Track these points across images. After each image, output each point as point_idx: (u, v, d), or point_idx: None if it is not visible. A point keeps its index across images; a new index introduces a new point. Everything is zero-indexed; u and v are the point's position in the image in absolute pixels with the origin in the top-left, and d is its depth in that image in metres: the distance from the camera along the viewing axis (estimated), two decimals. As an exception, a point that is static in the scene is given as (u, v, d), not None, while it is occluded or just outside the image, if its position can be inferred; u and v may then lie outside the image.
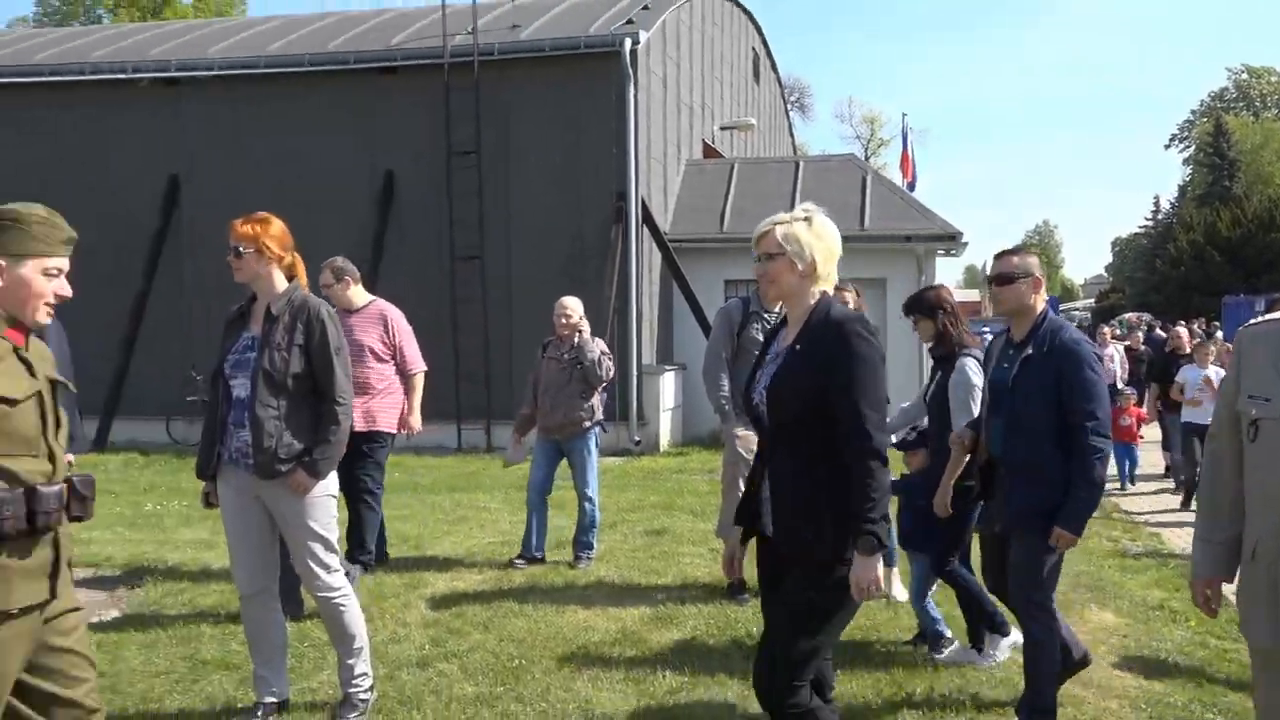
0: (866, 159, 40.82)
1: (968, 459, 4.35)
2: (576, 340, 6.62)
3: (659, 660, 4.73)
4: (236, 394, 3.88)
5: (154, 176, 14.25)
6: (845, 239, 3.06)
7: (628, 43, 13.22)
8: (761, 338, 5.55)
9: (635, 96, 13.42)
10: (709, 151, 18.04)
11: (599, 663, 4.73)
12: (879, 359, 2.83)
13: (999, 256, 4.05)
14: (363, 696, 4.06)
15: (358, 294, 6.13)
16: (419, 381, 6.29)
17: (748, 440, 5.43)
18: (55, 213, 2.68)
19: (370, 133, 13.87)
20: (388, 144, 13.85)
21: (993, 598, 4.60)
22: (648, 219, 13.87)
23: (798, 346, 2.89)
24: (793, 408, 2.86)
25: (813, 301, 2.93)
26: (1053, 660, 3.86)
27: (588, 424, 6.64)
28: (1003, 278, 3.96)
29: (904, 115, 29.62)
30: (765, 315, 5.65)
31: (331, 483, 3.99)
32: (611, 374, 6.75)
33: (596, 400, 6.70)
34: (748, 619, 5.31)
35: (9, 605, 2.44)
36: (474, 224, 13.56)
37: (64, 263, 2.68)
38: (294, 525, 3.91)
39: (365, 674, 4.08)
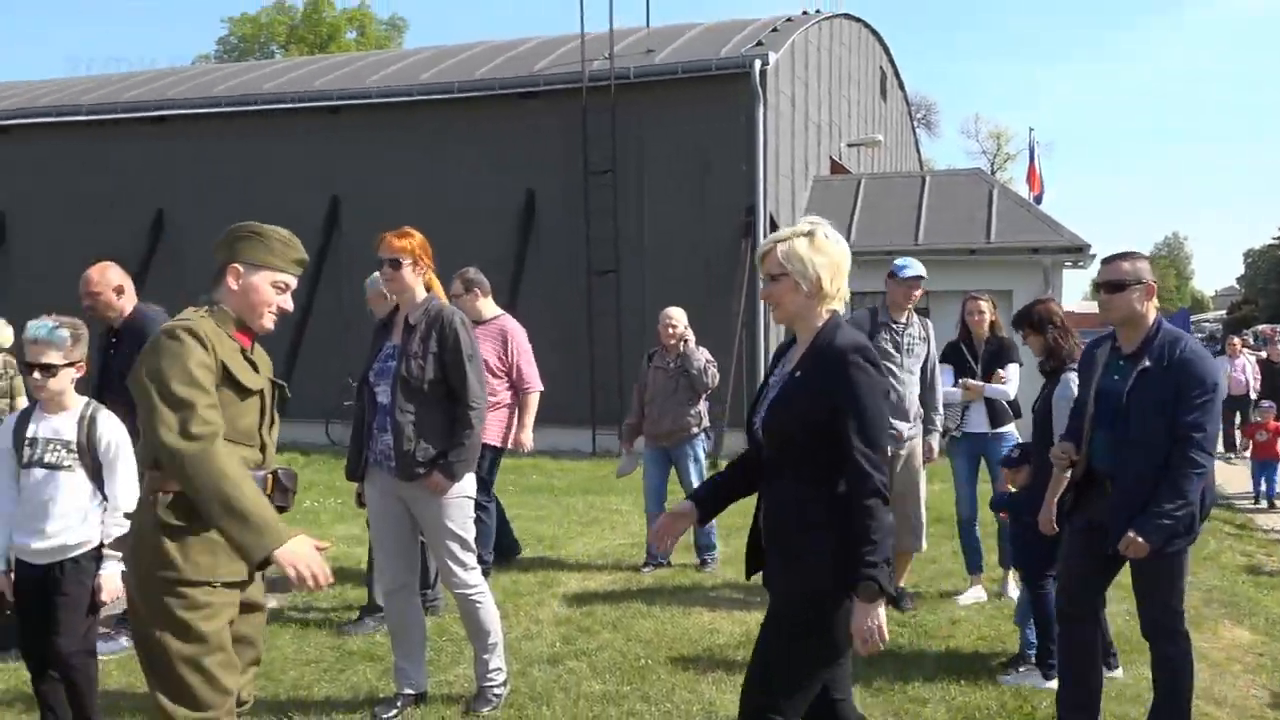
0: (993, 174, 39.57)
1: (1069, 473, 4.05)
2: (682, 349, 6.79)
3: (781, 665, 4.79)
4: (379, 400, 4.09)
5: (317, 198, 15.07)
6: (971, 251, 2.93)
7: (757, 64, 13.41)
8: (891, 348, 5.60)
9: (764, 116, 13.56)
10: (836, 168, 18.00)
11: (723, 665, 4.80)
12: (879, 390, 2.65)
13: (1108, 261, 3.74)
14: (496, 691, 4.23)
15: (486, 306, 6.13)
16: (534, 401, 6.17)
17: None
18: (294, 236, 2.94)
19: (513, 154, 14.37)
20: (529, 164, 14.32)
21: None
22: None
23: (798, 374, 2.71)
24: (793, 434, 2.68)
25: (820, 324, 2.72)
26: (1190, 684, 3.72)
27: (695, 430, 6.81)
28: (1113, 284, 3.66)
29: (1030, 130, 28.84)
30: (894, 326, 5.68)
31: (468, 484, 4.15)
32: (716, 381, 6.91)
33: (702, 407, 6.86)
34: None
35: (214, 576, 2.69)
36: (609, 240, 13.91)
37: (293, 281, 2.91)
38: (432, 525, 4.11)
39: (499, 669, 4.25)
